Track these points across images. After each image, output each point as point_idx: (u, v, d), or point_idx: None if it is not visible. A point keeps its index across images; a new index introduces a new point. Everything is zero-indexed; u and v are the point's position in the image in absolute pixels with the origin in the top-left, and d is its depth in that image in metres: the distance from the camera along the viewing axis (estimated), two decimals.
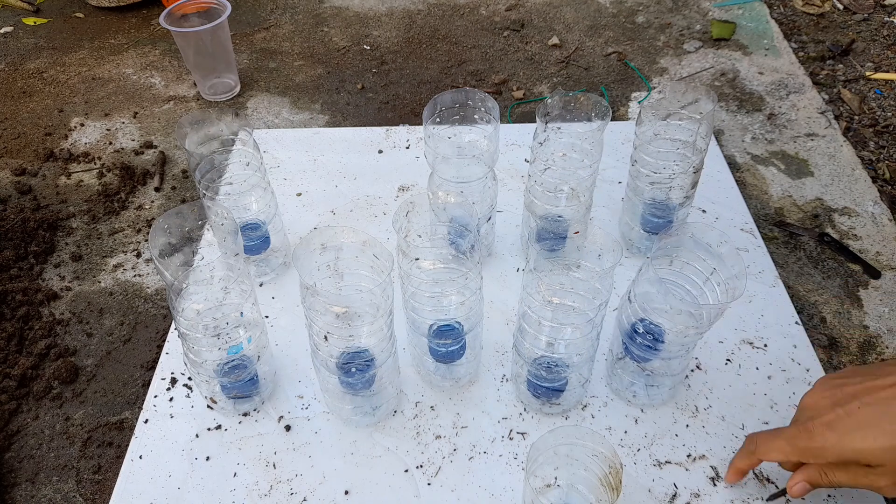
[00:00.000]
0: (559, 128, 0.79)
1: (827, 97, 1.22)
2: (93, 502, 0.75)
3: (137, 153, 1.18)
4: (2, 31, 1.53)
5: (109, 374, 0.87)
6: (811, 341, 0.81)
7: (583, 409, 0.75)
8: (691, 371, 0.78)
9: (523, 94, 1.27)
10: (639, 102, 1.23)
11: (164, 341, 0.85)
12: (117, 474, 0.72)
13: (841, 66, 1.31)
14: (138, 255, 1.01)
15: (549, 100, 0.78)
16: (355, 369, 0.67)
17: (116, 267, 0.99)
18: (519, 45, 1.40)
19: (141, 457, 0.73)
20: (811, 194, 1.03)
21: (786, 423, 0.73)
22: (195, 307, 0.69)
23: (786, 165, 1.08)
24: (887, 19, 1.42)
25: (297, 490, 0.70)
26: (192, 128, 0.81)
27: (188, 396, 0.78)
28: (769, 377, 0.77)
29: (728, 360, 0.79)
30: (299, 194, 1.03)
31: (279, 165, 1.07)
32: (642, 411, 0.75)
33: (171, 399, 0.78)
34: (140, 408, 0.78)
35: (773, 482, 0.68)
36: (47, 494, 0.76)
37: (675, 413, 0.74)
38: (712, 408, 0.75)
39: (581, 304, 0.66)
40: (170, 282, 0.67)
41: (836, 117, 1.18)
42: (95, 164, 1.17)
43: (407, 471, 0.71)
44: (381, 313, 0.62)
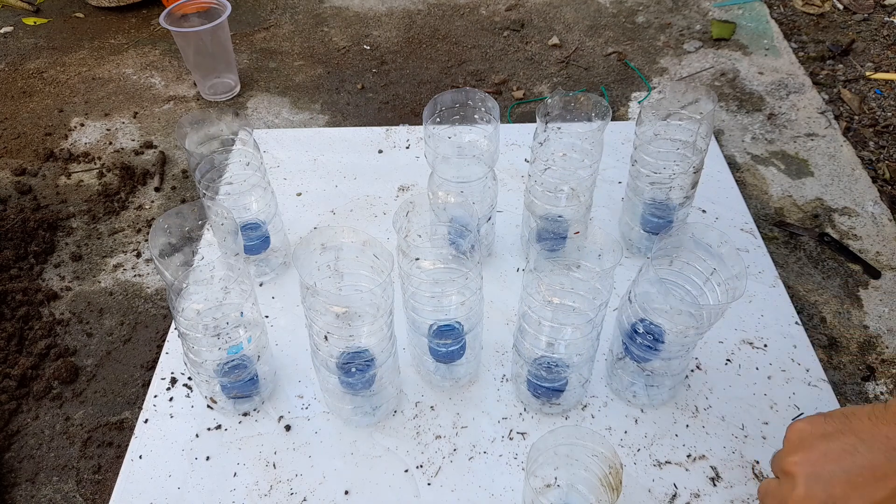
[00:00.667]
0: (559, 128, 0.79)
1: (827, 97, 1.22)
2: (93, 502, 0.75)
3: (137, 153, 1.18)
4: (2, 31, 1.53)
5: (109, 374, 0.87)
6: (811, 341, 0.81)
7: (583, 409, 0.75)
8: (691, 371, 0.78)
9: (523, 94, 1.27)
10: (639, 102, 1.23)
11: (164, 341, 0.85)
12: (117, 474, 0.72)
13: (841, 66, 1.31)
14: (138, 255, 1.01)
15: (549, 100, 0.78)
16: (355, 369, 0.67)
17: (116, 267, 0.99)
18: (519, 45, 1.40)
19: (141, 457, 0.73)
20: (811, 194, 1.03)
21: (786, 423, 0.73)
22: (195, 307, 0.69)
23: (786, 165, 1.08)
24: (887, 19, 1.42)
25: (297, 490, 0.70)
26: (192, 128, 0.81)
27: (188, 396, 0.78)
28: (769, 377, 0.77)
29: (728, 360, 0.79)
30: (299, 194, 1.03)
31: (279, 165, 1.07)
32: (642, 411, 0.75)
33: (171, 399, 0.78)
34: (140, 408, 0.78)
35: None
36: (47, 494, 0.76)
37: (675, 413, 0.74)
38: (712, 408, 0.75)
39: (581, 304, 0.66)
40: (170, 282, 0.67)
41: (836, 117, 1.18)
42: (95, 164, 1.17)
43: (407, 471, 0.71)
44: (381, 313, 0.62)
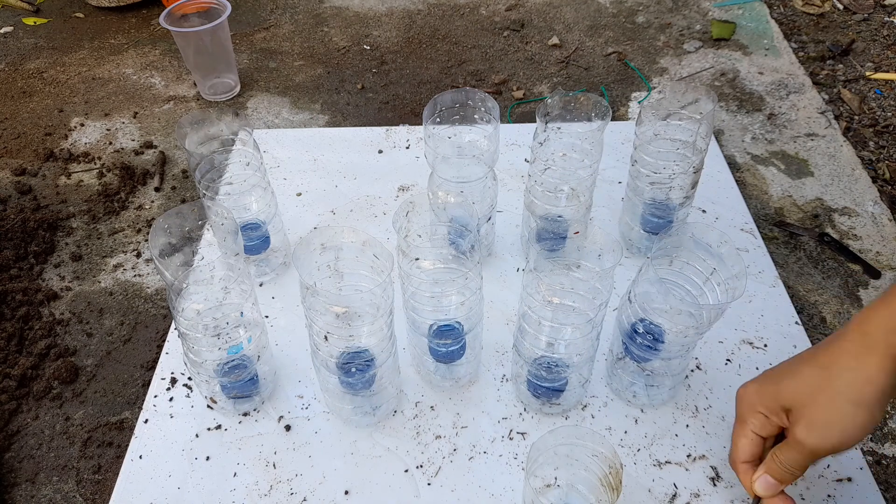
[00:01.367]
0: (559, 128, 0.79)
1: (827, 97, 1.22)
2: (93, 502, 0.75)
3: (137, 153, 1.18)
4: (2, 31, 1.53)
5: (109, 374, 0.87)
6: (811, 341, 0.81)
7: (583, 409, 0.75)
8: (691, 371, 0.78)
9: (523, 94, 1.27)
10: (639, 102, 1.23)
11: (164, 341, 0.85)
12: (117, 474, 0.72)
13: (841, 66, 1.31)
14: (138, 255, 1.01)
15: (549, 100, 0.78)
16: (355, 369, 0.67)
17: (116, 267, 0.99)
18: (519, 45, 1.40)
19: (141, 457, 0.73)
20: (811, 194, 1.03)
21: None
22: (195, 307, 0.69)
23: (786, 165, 1.08)
24: (887, 19, 1.42)
25: (297, 490, 0.70)
26: (192, 128, 0.81)
27: (188, 396, 0.78)
28: None
29: (728, 360, 0.79)
30: (299, 194, 1.03)
31: (279, 165, 1.07)
32: (642, 411, 0.75)
33: (171, 399, 0.78)
34: (140, 408, 0.78)
35: None
36: (47, 494, 0.76)
37: (675, 413, 0.74)
38: (712, 408, 0.75)
39: (581, 304, 0.66)
40: (170, 282, 0.67)
41: (836, 117, 1.18)
42: (95, 164, 1.17)
43: (407, 471, 0.71)
44: (381, 313, 0.62)
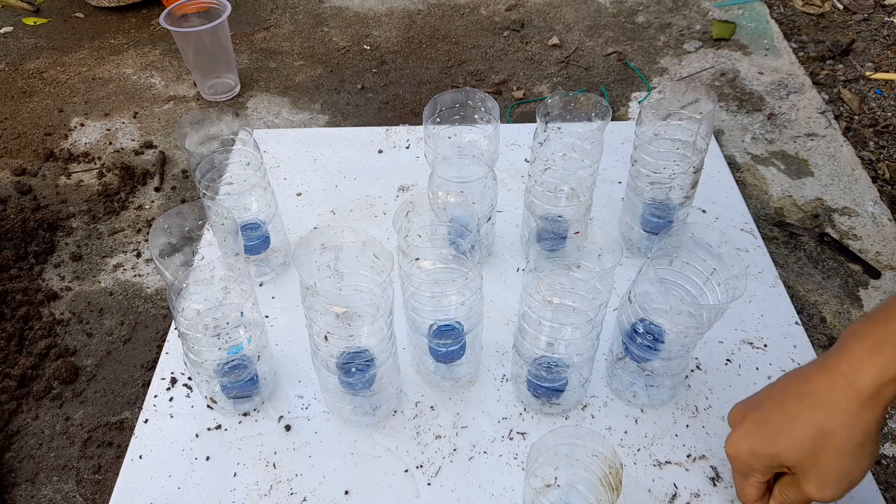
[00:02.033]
0: (559, 128, 0.79)
1: (827, 97, 1.22)
2: (93, 502, 0.75)
3: (137, 153, 1.18)
4: (2, 31, 1.53)
5: (109, 374, 0.87)
6: (811, 341, 0.81)
7: (583, 409, 0.75)
8: (691, 371, 0.78)
9: (523, 94, 1.27)
10: (639, 102, 1.23)
11: (164, 341, 0.85)
12: (117, 474, 0.72)
13: (841, 66, 1.31)
14: (138, 255, 1.01)
15: (549, 100, 0.78)
16: (355, 369, 0.67)
17: (116, 267, 0.99)
18: (519, 45, 1.40)
19: (141, 457, 0.73)
20: (811, 194, 1.03)
21: None
22: (195, 307, 0.69)
23: (786, 165, 1.08)
24: (887, 19, 1.42)
25: (297, 490, 0.70)
26: (192, 128, 0.81)
27: (188, 396, 0.78)
28: (769, 377, 0.77)
29: (728, 360, 0.79)
30: (299, 194, 1.03)
31: (279, 165, 1.07)
32: (642, 411, 0.75)
33: (171, 399, 0.78)
34: (140, 408, 0.78)
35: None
36: (47, 494, 0.76)
37: (675, 413, 0.74)
38: (712, 408, 0.75)
39: (581, 304, 0.66)
40: (170, 282, 0.67)
41: (836, 117, 1.18)
42: (95, 164, 1.17)
43: (407, 471, 0.71)
44: (381, 313, 0.62)
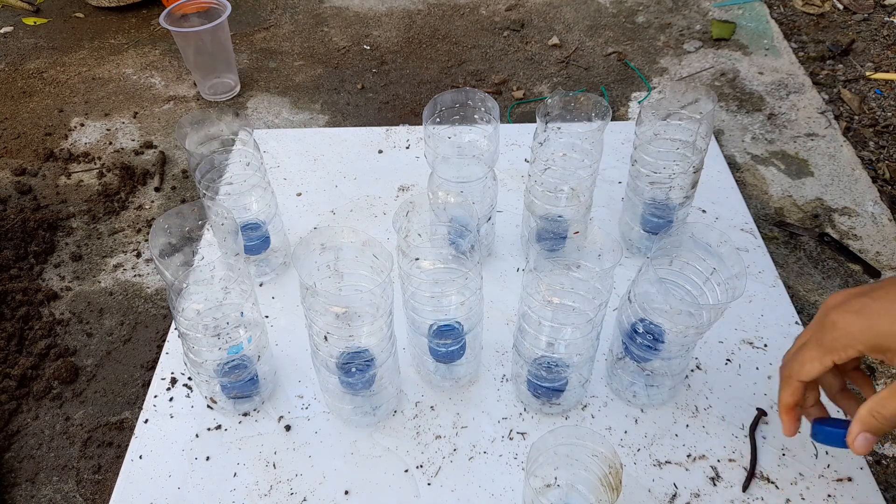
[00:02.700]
0: (559, 128, 0.79)
1: (827, 97, 1.22)
2: (93, 502, 0.75)
3: (137, 153, 1.18)
4: (2, 31, 1.53)
5: (109, 374, 0.87)
6: None
7: (583, 409, 0.75)
8: (691, 371, 0.78)
9: (523, 94, 1.27)
10: (639, 102, 1.23)
11: (164, 341, 0.85)
12: (117, 474, 0.72)
13: (841, 66, 1.31)
14: (138, 255, 1.01)
15: (549, 100, 0.78)
16: (355, 369, 0.67)
17: (116, 267, 1.00)
18: (519, 45, 1.40)
19: (141, 457, 0.73)
20: (811, 194, 1.03)
21: None
22: (195, 307, 0.69)
23: (786, 165, 1.08)
24: (887, 19, 1.42)
25: (297, 490, 0.70)
26: (192, 128, 0.81)
27: (188, 396, 0.78)
28: (769, 377, 0.77)
29: (728, 360, 0.79)
30: (299, 194, 1.03)
31: (279, 165, 1.07)
32: (642, 411, 0.75)
33: (171, 399, 0.78)
34: (140, 408, 0.78)
35: (773, 482, 0.68)
36: (47, 494, 0.76)
37: (675, 413, 0.74)
38: (712, 408, 0.75)
39: (581, 304, 0.66)
40: (170, 282, 0.67)
41: (836, 117, 1.18)
42: (95, 164, 1.17)
43: (407, 471, 0.71)
44: (381, 313, 0.62)
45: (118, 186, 1.12)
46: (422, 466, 0.71)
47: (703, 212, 0.96)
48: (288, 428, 0.75)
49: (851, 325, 0.54)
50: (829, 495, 0.67)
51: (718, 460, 0.70)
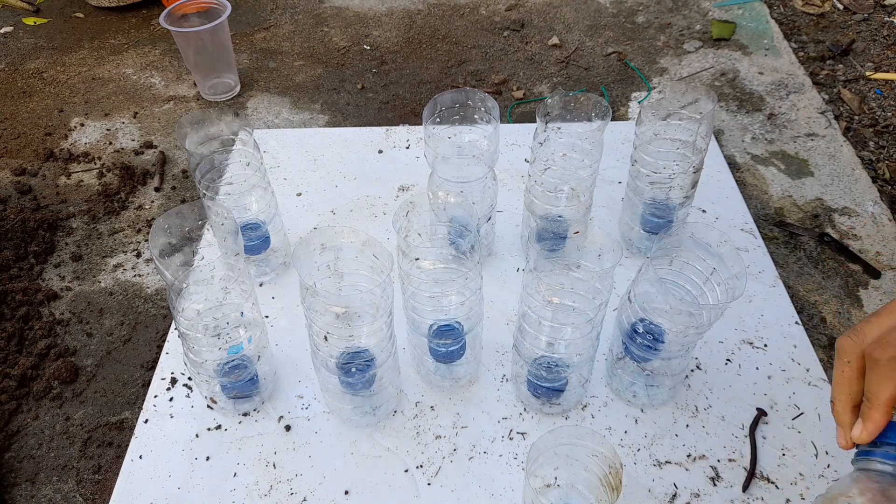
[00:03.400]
0: (559, 128, 0.79)
1: (827, 97, 1.22)
2: (93, 502, 0.75)
3: (137, 153, 1.18)
4: (2, 31, 1.53)
5: (109, 374, 0.87)
6: (811, 341, 0.81)
7: (583, 409, 0.75)
8: (691, 371, 0.78)
9: (523, 94, 1.27)
10: (639, 102, 1.23)
11: (164, 341, 0.85)
12: (117, 474, 0.72)
13: (841, 66, 1.31)
14: (138, 255, 1.01)
15: (549, 100, 0.78)
16: (355, 369, 0.67)
17: (116, 267, 0.99)
18: (519, 45, 1.40)
19: (141, 457, 0.73)
20: (811, 194, 1.03)
21: (786, 422, 0.73)
22: (195, 307, 0.69)
23: (786, 165, 1.08)
24: (887, 19, 1.42)
25: (297, 490, 0.70)
26: (192, 128, 0.81)
27: (188, 396, 0.78)
28: (769, 377, 0.77)
29: (728, 360, 0.79)
30: (299, 194, 1.03)
31: (279, 165, 1.07)
32: (642, 411, 0.75)
33: (171, 399, 0.78)
34: (140, 408, 0.78)
35: (773, 482, 0.68)
36: (47, 494, 0.76)
37: (675, 413, 0.74)
38: (712, 408, 0.75)
39: (581, 304, 0.66)
40: (170, 282, 0.67)
41: (836, 117, 1.18)
42: (95, 164, 1.17)
43: (407, 471, 0.71)
44: (381, 313, 0.62)
45: (118, 186, 1.12)
46: (422, 466, 0.71)
47: (703, 212, 0.96)
48: (288, 428, 0.75)
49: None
50: None
51: (718, 460, 0.70)
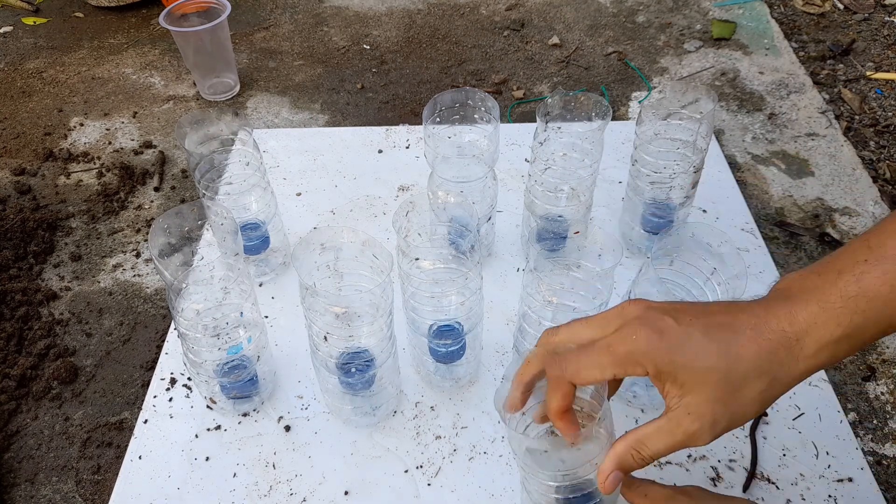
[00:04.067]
0: (559, 127, 0.79)
1: (827, 97, 1.22)
2: (92, 503, 0.75)
3: (137, 153, 1.18)
4: (2, 31, 1.53)
5: (109, 374, 0.87)
6: None
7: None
8: None
9: (523, 94, 1.27)
10: (639, 102, 1.23)
11: (163, 341, 0.85)
12: (117, 474, 0.72)
13: (841, 65, 1.31)
14: (138, 255, 1.01)
15: (550, 99, 0.78)
16: (355, 369, 0.67)
17: (116, 267, 0.99)
18: (519, 45, 1.39)
19: (140, 457, 0.73)
20: (812, 194, 1.02)
21: (786, 422, 0.73)
22: (195, 307, 0.69)
23: (786, 165, 1.08)
24: (887, 19, 1.41)
25: (297, 490, 0.70)
26: (192, 127, 0.81)
27: (188, 396, 0.78)
28: None
29: None
30: (299, 194, 1.02)
31: (279, 165, 1.07)
32: (642, 411, 0.75)
33: (170, 399, 0.78)
34: (140, 408, 0.78)
35: (773, 482, 0.68)
36: (47, 495, 0.76)
37: None
38: None
39: (581, 304, 0.66)
40: (169, 282, 0.66)
41: (837, 117, 1.18)
42: (95, 163, 1.17)
43: (407, 471, 0.71)
44: (381, 313, 0.62)
45: (117, 186, 1.12)
46: (422, 467, 0.71)
47: (704, 212, 0.96)
48: (288, 428, 0.75)
49: (650, 345, 0.48)
50: (830, 496, 0.67)
51: (719, 461, 0.70)
